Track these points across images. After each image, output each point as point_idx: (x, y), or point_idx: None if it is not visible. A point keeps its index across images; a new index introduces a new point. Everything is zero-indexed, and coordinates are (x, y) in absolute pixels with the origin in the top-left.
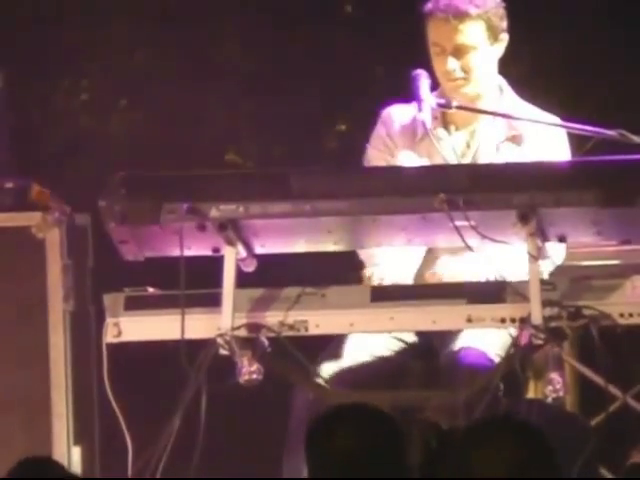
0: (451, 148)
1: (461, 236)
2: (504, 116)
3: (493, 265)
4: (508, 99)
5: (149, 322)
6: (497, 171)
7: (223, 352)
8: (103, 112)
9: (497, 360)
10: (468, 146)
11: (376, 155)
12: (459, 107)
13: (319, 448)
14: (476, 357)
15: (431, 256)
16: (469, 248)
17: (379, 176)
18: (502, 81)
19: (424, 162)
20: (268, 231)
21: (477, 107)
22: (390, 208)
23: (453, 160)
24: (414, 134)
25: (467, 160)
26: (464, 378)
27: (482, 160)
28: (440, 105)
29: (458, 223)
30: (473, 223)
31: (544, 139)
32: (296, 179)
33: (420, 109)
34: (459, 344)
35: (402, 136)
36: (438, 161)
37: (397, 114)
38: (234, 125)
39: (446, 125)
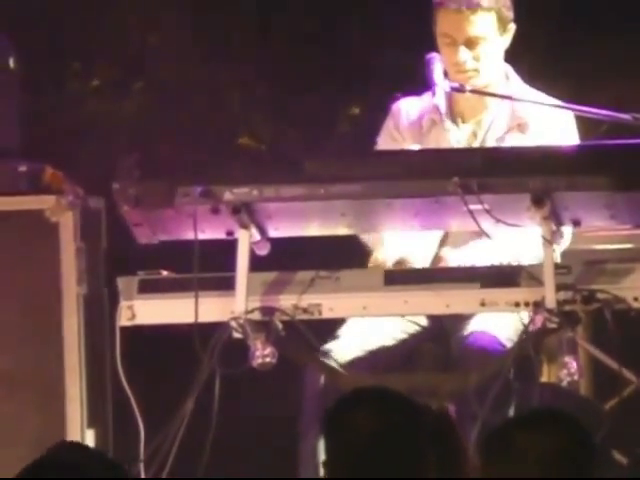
0: (458, 139)
1: (475, 220)
2: (517, 100)
3: (507, 249)
4: (514, 86)
5: (163, 305)
6: (511, 154)
7: (237, 335)
8: (117, 95)
9: (508, 344)
10: (474, 136)
11: (384, 148)
12: (473, 91)
13: (339, 431)
14: (487, 341)
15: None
16: (483, 232)
17: (393, 159)
18: (508, 68)
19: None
20: (282, 214)
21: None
22: (403, 191)
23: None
24: (422, 126)
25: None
26: (475, 362)
27: (496, 141)
28: (454, 89)
29: (472, 207)
30: (487, 207)
31: (550, 125)
32: (310, 162)
33: (433, 93)
34: (470, 328)
35: (410, 129)
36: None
37: (405, 107)
38: (248, 108)
39: (453, 117)
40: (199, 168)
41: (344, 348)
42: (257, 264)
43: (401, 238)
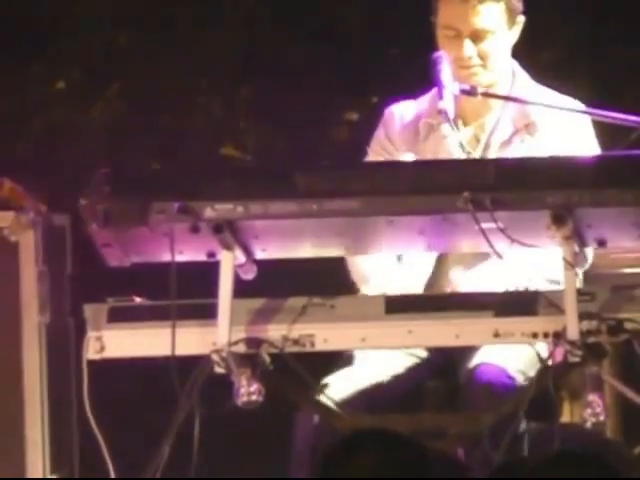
0: (458, 144)
1: (487, 240)
2: (533, 104)
3: (522, 272)
4: (522, 83)
5: (135, 336)
6: (529, 166)
7: (219, 370)
8: (84, 101)
9: (518, 377)
10: (477, 140)
11: (374, 159)
12: (485, 94)
13: (337, 478)
14: (495, 374)
15: (442, 268)
16: (497, 254)
17: (396, 172)
18: (514, 64)
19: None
20: (270, 233)
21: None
22: (407, 208)
23: (461, 158)
24: (418, 132)
25: (476, 156)
26: (481, 398)
27: (493, 155)
28: (464, 92)
29: (484, 225)
30: (501, 225)
31: (563, 126)
32: (302, 175)
33: (441, 97)
34: (476, 360)
35: (403, 137)
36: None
37: (399, 112)
38: (231, 114)
39: (454, 120)
40: (176, 182)
41: (339, 384)
42: (242, 290)
43: (387, 270)
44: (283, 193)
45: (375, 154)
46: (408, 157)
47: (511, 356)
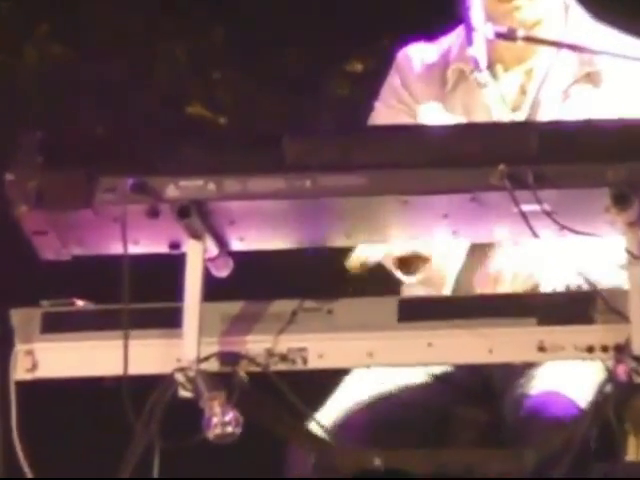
0: (499, 97)
1: (529, 226)
2: (591, 51)
3: (574, 268)
4: (577, 21)
5: (77, 350)
6: (584, 132)
7: (184, 394)
8: (10, 43)
9: None
10: (523, 92)
11: (386, 114)
12: (527, 39)
13: None
14: (562, 407)
15: (481, 248)
16: (541, 243)
17: (411, 139)
18: None
19: (458, 120)
20: (250, 218)
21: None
22: (427, 185)
23: (503, 115)
24: (443, 82)
25: (523, 114)
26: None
27: (545, 112)
28: (499, 35)
29: (525, 207)
30: (547, 207)
31: (635, 75)
32: (291, 143)
33: (470, 42)
34: (536, 385)
35: (425, 84)
36: (480, 117)
37: (418, 56)
38: (200, 63)
39: (490, 66)
40: (130, 151)
41: (337, 410)
42: (214, 291)
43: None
44: (267, 166)
45: (387, 108)
46: (431, 108)
47: (582, 382)
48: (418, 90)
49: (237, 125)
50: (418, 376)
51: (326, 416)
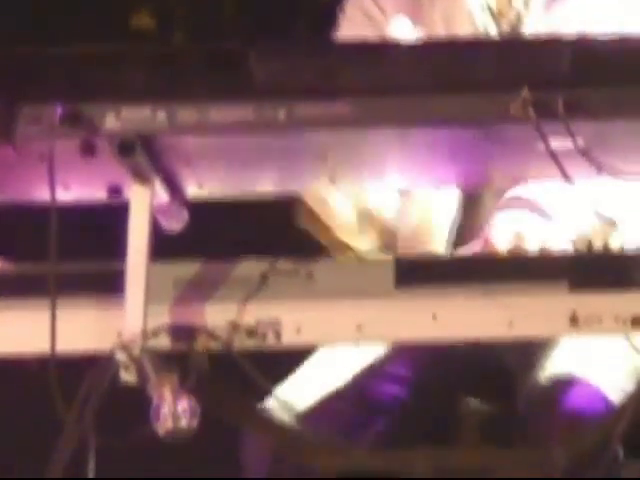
0: (482, 5)
1: (560, 166)
2: None
3: (613, 221)
4: None
5: None
6: (627, 49)
7: (126, 378)
8: None
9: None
10: None
11: (349, 30)
12: None
13: None
14: (588, 397)
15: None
16: (574, 188)
17: (409, 57)
18: None
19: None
20: (210, 157)
21: None
22: (429, 115)
23: (488, 25)
24: None
25: (508, 22)
26: (566, 431)
27: (537, 21)
28: None
29: (554, 143)
30: (581, 143)
31: None
32: (260, 61)
33: None
34: (555, 369)
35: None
36: (463, 30)
37: None
38: None
39: None
40: (59, 71)
41: (312, 394)
42: (165, 248)
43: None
44: (231, 91)
45: (352, 25)
46: (402, 25)
47: (612, 365)
48: (389, 5)
49: (193, 40)
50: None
51: (299, 403)
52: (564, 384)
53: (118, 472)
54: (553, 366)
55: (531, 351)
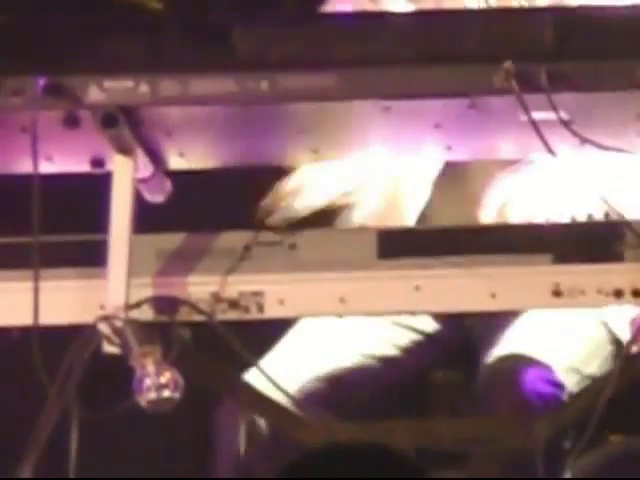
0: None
1: (542, 139)
2: None
3: (596, 193)
4: None
5: None
6: (610, 21)
7: (109, 349)
8: None
9: (569, 380)
10: None
11: (349, 3)
12: None
13: None
14: (540, 378)
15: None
16: (557, 160)
17: (395, 28)
18: None
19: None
20: (192, 128)
21: None
22: (414, 87)
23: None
24: None
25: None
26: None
27: None
28: None
29: (537, 115)
30: (564, 115)
31: None
32: (243, 32)
33: None
34: (503, 346)
35: None
36: (457, 3)
37: None
38: None
39: None
40: (41, 42)
41: (293, 371)
42: (148, 219)
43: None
44: (214, 63)
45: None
46: (399, 3)
47: (566, 341)
48: None
49: (175, 11)
50: (385, 324)
51: (277, 374)
52: (518, 364)
53: (101, 443)
54: (510, 344)
55: (495, 326)
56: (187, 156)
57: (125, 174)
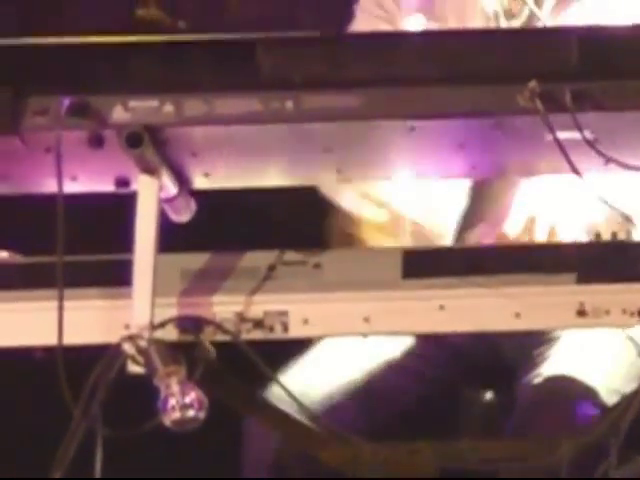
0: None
1: (567, 158)
2: None
3: (620, 212)
4: None
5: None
6: (635, 37)
7: (134, 369)
8: None
9: (612, 403)
10: None
11: (362, 22)
12: None
13: None
14: (580, 400)
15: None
16: (582, 181)
17: (419, 48)
18: None
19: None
20: (217, 148)
21: None
22: (438, 107)
23: (500, 21)
24: None
25: (520, 19)
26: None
27: (552, 12)
28: None
29: (562, 135)
30: (589, 135)
31: None
32: (267, 52)
33: None
34: (550, 368)
35: None
36: (477, 24)
37: None
38: None
39: None
40: (65, 63)
41: (319, 385)
42: (173, 240)
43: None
44: (238, 82)
45: (367, 15)
46: (416, 21)
47: (598, 361)
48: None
49: (200, 31)
50: (416, 345)
51: (302, 389)
52: (566, 385)
53: (125, 463)
54: (554, 365)
55: (530, 346)
56: (212, 176)
57: (150, 194)
